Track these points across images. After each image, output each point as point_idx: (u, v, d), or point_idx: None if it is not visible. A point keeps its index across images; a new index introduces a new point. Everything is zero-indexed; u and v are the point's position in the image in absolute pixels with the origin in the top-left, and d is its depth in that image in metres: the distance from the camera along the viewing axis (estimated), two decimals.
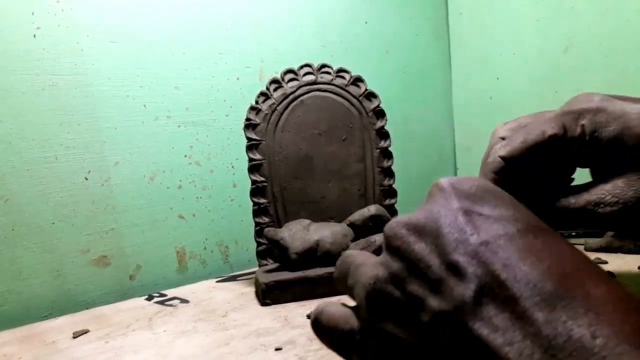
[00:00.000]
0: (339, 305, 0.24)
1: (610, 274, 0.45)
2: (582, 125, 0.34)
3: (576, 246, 0.59)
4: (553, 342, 0.16)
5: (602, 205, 0.33)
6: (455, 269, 0.19)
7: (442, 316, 0.18)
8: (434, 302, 0.19)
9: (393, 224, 0.22)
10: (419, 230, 0.21)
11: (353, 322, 0.22)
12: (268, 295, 0.49)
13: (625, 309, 0.16)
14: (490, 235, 0.19)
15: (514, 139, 0.36)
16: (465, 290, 0.18)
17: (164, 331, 0.44)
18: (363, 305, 0.21)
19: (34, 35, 0.57)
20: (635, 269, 0.47)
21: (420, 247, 0.20)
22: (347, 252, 0.26)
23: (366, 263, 0.23)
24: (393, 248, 0.21)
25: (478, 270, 0.18)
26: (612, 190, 0.33)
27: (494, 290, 0.18)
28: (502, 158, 0.36)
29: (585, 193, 0.34)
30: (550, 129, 0.35)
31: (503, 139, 0.38)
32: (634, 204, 0.32)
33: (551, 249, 0.19)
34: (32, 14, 0.57)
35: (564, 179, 0.38)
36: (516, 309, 0.17)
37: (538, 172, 0.37)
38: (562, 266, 0.18)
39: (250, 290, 0.55)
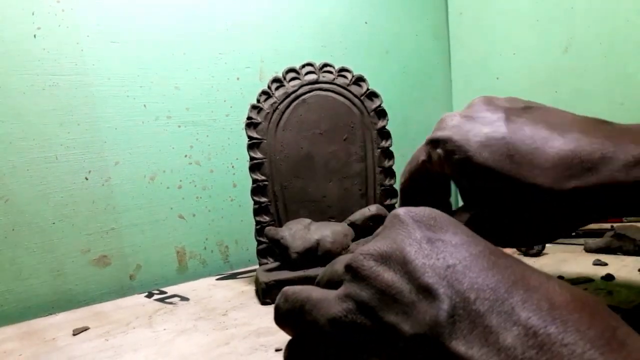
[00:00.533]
0: (304, 345, 0.23)
1: (609, 276, 0.45)
2: (438, 154, 0.36)
3: (576, 246, 0.59)
4: (526, 355, 0.16)
5: None
6: (426, 291, 0.19)
7: (418, 339, 0.18)
8: (407, 327, 0.19)
9: (357, 257, 0.22)
10: (385, 259, 0.21)
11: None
12: (268, 294, 0.49)
13: (590, 314, 0.17)
14: (455, 258, 0.20)
15: (406, 168, 0.41)
16: (439, 310, 0.18)
17: (164, 329, 0.44)
18: (335, 339, 0.21)
19: (34, 35, 0.57)
20: (635, 272, 0.47)
21: (389, 275, 0.20)
22: (293, 288, 0.25)
23: (326, 298, 0.22)
24: (361, 278, 0.21)
25: (448, 291, 0.18)
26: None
27: (465, 309, 0.18)
28: (400, 190, 0.41)
29: None
30: (423, 156, 0.38)
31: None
32: None
33: (513, 267, 0.19)
34: (32, 14, 0.57)
35: (444, 200, 0.41)
36: (487, 326, 0.17)
37: (427, 193, 0.40)
38: (526, 280, 0.18)
39: (251, 288, 0.55)
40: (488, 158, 0.33)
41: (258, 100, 0.56)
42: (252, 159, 0.55)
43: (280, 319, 0.25)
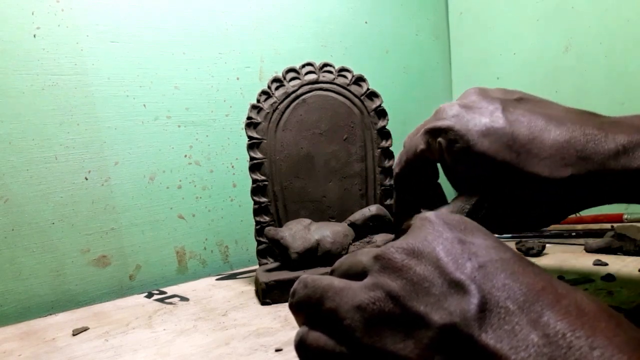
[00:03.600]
0: (319, 332, 0.23)
1: (609, 276, 0.45)
2: (439, 142, 0.37)
3: (576, 246, 0.59)
4: (555, 353, 0.17)
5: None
6: (457, 286, 0.20)
7: (447, 329, 0.19)
8: (436, 317, 0.19)
9: (389, 249, 0.22)
10: (417, 255, 0.22)
11: (340, 346, 0.22)
12: (268, 294, 0.48)
13: (615, 323, 0.18)
14: (485, 260, 0.20)
15: (401, 155, 0.42)
16: (469, 304, 0.19)
17: (164, 330, 0.44)
18: (359, 326, 0.21)
19: (34, 35, 0.57)
20: (636, 272, 0.47)
21: (421, 268, 0.21)
22: (312, 276, 0.25)
23: (350, 287, 0.23)
24: (392, 269, 0.22)
25: (479, 288, 0.19)
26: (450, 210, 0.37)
27: (495, 306, 0.19)
28: (395, 174, 0.43)
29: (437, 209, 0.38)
30: (421, 145, 0.39)
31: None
32: None
33: (541, 274, 0.20)
34: (32, 14, 0.57)
35: (435, 188, 0.43)
36: (517, 323, 0.18)
37: (420, 181, 0.42)
38: (554, 287, 0.19)
39: (250, 288, 0.55)
40: (489, 147, 0.34)
41: (258, 100, 0.56)
42: (252, 159, 0.55)
43: (297, 305, 0.25)
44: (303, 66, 0.58)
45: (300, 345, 0.24)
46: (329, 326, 0.23)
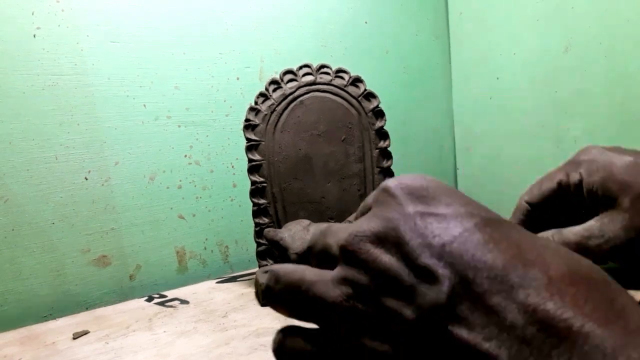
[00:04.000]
0: (298, 329, 0.23)
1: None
2: (580, 173, 0.42)
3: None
4: (527, 332, 0.16)
5: (592, 238, 0.40)
6: (425, 274, 0.19)
7: (420, 323, 0.18)
8: (408, 312, 0.19)
9: (352, 239, 0.21)
10: (381, 241, 0.21)
11: (317, 345, 0.22)
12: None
13: (586, 285, 0.17)
14: (450, 234, 0.19)
15: (534, 187, 0.46)
16: (439, 293, 0.18)
17: (164, 332, 0.44)
18: (332, 322, 0.21)
19: (34, 35, 0.57)
20: None
21: (387, 258, 0.20)
22: (284, 267, 0.24)
23: (321, 279, 0.22)
24: (357, 262, 0.21)
25: (447, 271, 0.19)
26: (598, 225, 0.41)
27: (464, 289, 0.18)
28: (527, 202, 0.45)
29: (580, 228, 0.42)
30: (559, 176, 0.44)
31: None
32: (618, 237, 0.40)
33: (509, 238, 0.19)
34: (32, 14, 0.57)
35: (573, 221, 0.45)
36: (487, 305, 0.18)
37: (555, 215, 0.45)
38: (523, 254, 0.18)
39: (250, 290, 0.55)
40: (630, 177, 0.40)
41: (256, 102, 0.56)
42: (250, 160, 0.55)
43: (273, 300, 0.24)
44: (300, 68, 0.58)
45: (279, 350, 0.24)
46: (311, 317, 0.22)
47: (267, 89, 0.57)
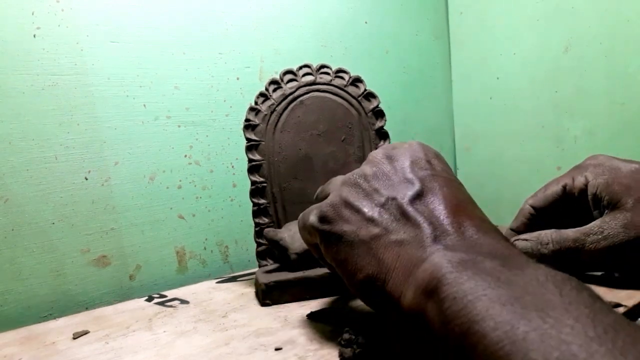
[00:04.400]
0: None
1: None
2: (585, 176, 0.45)
3: None
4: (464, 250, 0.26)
5: (590, 235, 0.42)
6: (407, 181, 0.31)
7: (391, 198, 0.30)
8: (386, 192, 0.31)
9: (375, 150, 0.35)
10: (390, 158, 0.34)
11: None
12: (268, 295, 0.49)
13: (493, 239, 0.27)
14: (436, 171, 0.32)
15: (539, 191, 0.48)
16: (411, 190, 0.30)
17: (164, 332, 0.44)
18: (337, 188, 0.34)
19: (34, 35, 0.57)
20: None
21: (390, 166, 0.33)
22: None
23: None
24: (372, 162, 0.34)
25: (421, 185, 0.30)
26: (599, 223, 0.42)
27: (427, 193, 0.30)
28: (531, 206, 0.48)
29: (580, 227, 0.43)
30: (564, 180, 0.47)
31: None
32: (617, 235, 0.41)
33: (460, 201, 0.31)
34: (32, 14, 0.57)
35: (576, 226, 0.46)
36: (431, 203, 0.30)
37: (558, 219, 0.47)
38: (465, 207, 0.30)
39: (250, 290, 0.55)
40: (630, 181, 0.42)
41: (255, 102, 0.56)
42: (250, 160, 0.55)
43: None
44: (300, 68, 0.58)
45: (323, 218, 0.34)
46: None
47: (267, 89, 0.57)
